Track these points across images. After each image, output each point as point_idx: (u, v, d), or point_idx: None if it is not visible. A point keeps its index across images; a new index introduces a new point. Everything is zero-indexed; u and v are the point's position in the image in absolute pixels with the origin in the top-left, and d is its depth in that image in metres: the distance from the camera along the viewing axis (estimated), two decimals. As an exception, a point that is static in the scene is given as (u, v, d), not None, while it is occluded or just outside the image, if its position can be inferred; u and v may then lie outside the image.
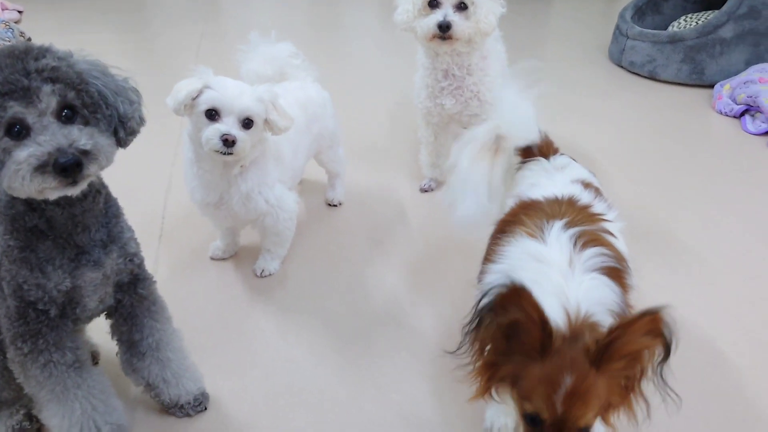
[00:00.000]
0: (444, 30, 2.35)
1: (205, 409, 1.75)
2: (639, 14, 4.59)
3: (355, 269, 2.37)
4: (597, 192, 1.61)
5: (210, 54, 4.66)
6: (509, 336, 1.14)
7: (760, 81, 3.65)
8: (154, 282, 1.62)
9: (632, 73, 4.37)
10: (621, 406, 1.15)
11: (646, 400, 1.16)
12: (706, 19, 4.18)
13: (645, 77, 4.29)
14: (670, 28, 4.45)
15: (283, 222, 2.23)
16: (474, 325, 1.17)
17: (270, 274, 2.32)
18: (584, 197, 1.54)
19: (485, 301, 1.12)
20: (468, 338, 1.19)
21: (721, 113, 3.75)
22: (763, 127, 3.47)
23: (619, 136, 3.49)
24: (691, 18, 4.43)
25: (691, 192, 2.91)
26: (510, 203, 1.65)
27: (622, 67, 4.46)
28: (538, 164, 1.76)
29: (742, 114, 3.65)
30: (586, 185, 1.61)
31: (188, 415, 1.72)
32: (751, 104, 3.59)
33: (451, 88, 2.56)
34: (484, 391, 1.21)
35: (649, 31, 4.24)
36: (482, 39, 2.46)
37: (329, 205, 2.78)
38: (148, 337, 1.60)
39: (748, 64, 3.97)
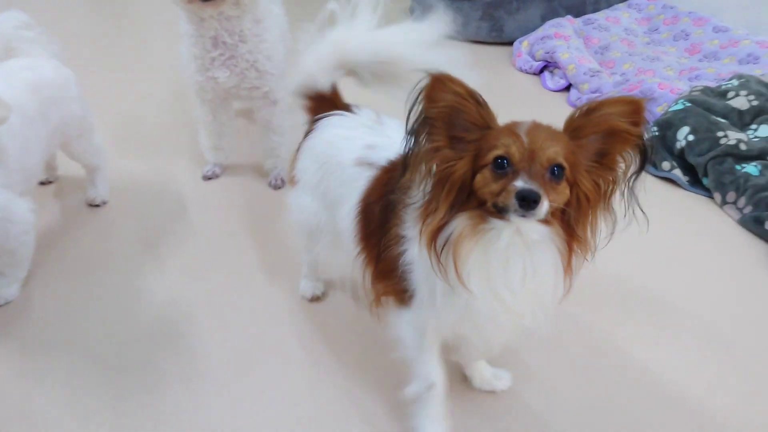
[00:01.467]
0: None
1: None
2: (437, -29, 4.43)
3: (123, 282, 1.98)
4: None
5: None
6: (451, 126, 1.09)
7: (556, 36, 3.62)
8: None
9: (434, 32, 4.21)
10: (589, 203, 1.11)
11: (613, 214, 1.13)
12: (501, -26, 4.10)
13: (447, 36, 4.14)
14: (468, -16, 4.34)
15: (15, 237, 1.78)
16: (413, 139, 1.09)
17: (6, 303, 1.86)
18: None
19: (416, 106, 1.06)
20: (412, 164, 1.10)
21: (521, 70, 3.68)
22: (562, 83, 3.43)
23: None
24: (487, -26, 4.35)
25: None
26: (346, 176, 1.47)
27: (423, 26, 4.28)
28: (351, 119, 1.57)
29: (542, 70, 3.60)
30: None
31: None
32: (549, 60, 3.55)
33: (223, 58, 2.19)
34: (445, 211, 1.10)
35: (447, -12, 4.09)
36: (252, 1, 2.12)
37: (90, 205, 2.33)
38: None
39: (544, 19, 3.94)
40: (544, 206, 1.00)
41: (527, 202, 0.99)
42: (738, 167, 2.49)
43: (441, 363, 1.39)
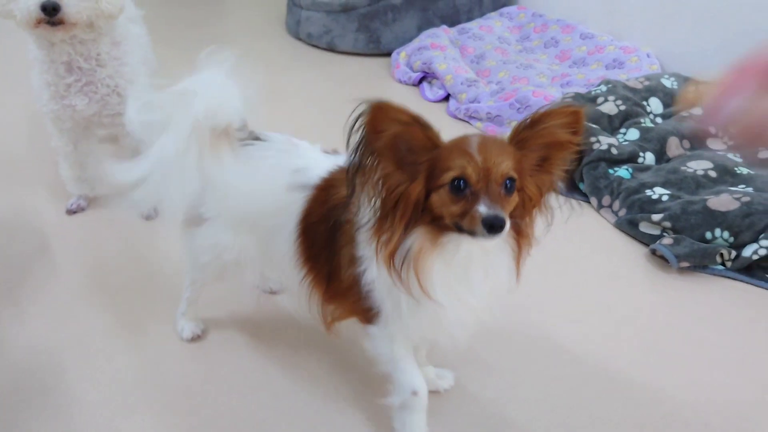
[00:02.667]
0: (51, 13, 1.83)
1: None
2: (311, -17, 4.37)
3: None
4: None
5: None
6: (398, 151, 1.11)
7: (432, 46, 3.63)
8: None
9: (311, 45, 4.14)
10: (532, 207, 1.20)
11: (550, 211, 1.22)
12: (375, -15, 4.09)
13: (324, 49, 4.09)
14: (343, -4, 4.30)
15: None
16: (356, 167, 1.10)
17: None
18: None
19: (356, 134, 1.06)
20: (358, 188, 1.12)
21: (401, 82, 3.68)
22: (441, 93, 3.44)
23: (306, 111, 3.23)
24: (361, -15, 4.34)
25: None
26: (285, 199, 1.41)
27: (300, 39, 4.20)
28: (265, 148, 1.50)
29: (421, 81, 3.60)
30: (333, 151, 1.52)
31: None
32: (427, 70, 3.56)
33: (80, 84, 2.03)
34: (402, 229, 1.13)
35: (322, 0, 4.03)
36: (108, 22, 1.97)
37: (-66, 250, 2.10)
38: None
39: (420, 30, 3.95)
40: (507, 226, 1.06)
41: (494, 228, 1.05)
42: (611, 171, 2.57)
43: (419, 369, 1.41)
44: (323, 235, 1.36)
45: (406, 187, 1.12)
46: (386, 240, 1.14)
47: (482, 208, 1.06)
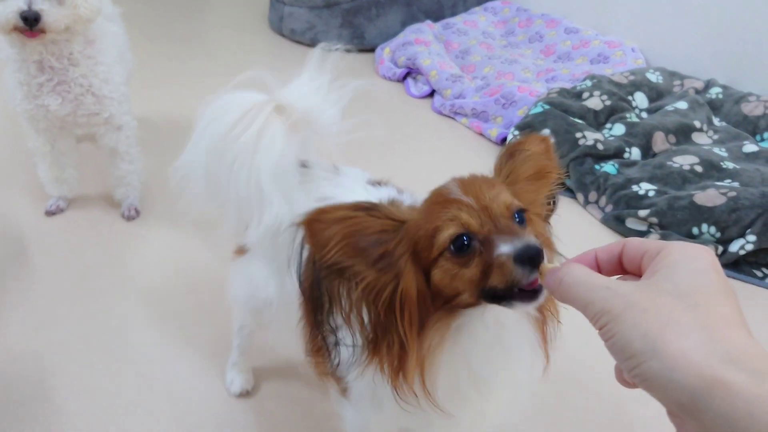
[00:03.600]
0: (32, 24, 1.79)
1: None
2: (294, -22, 4.33)
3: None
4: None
5: None
6: (364, 253, 0.86)
7: (417, 42, 3.60)
8: None
9: (294, 41, 4.09)
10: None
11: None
12: (358, -20, 4.05)
13: (307, 45, 4.04)
14: (326, -9, 4.27)
15: None
16: (320, 292, 0.89)
17: None
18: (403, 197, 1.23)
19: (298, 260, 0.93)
20: (345, 318, 0.89)
21: (385, 78, 3.64)
22: (425, 89, 3.42)
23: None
24: (345, -20, 4.30)
25: (366, 161, 2.71)
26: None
27: (283, 35, 4.16)
28: (304, 173, 1.31)
29: (405, 77, 3.57)
30: (377, 182, 1.31)
31: None
32: (411, 66, 3.53)
33: (52, 84, 1.98)
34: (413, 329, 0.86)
35: (305, -5, 3.99)
36: (86, 26, 1.93)
37: None
38: None
39: (404, 25, 3.92)
40: (545, 254, 0.78)
41: (533, 258, 0.76)
42: (597, 167, 2.55)
43: None
44: (311, 285, 1.12)
45: (396, 285, 0.86)
46: (399, 357, 0.87)
47: (504, 248, 0.78)
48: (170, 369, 1.69)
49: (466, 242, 0.81)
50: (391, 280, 0.86)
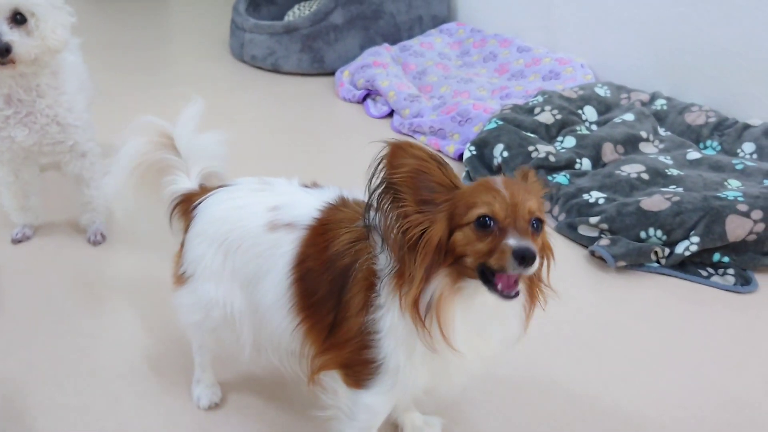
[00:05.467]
0: (3, 54, 1.84)
1: None
2: (253, 6, 4.41)
3: None
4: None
5: None
6: (417, 190, 1.09)
7: (375, 64, 3.70)
8: None
9: (256, 67, 4.17)
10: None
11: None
12: (317, 6, 4.15)
13: (269, 70, 4.13)
14: (285, 18, 4.35)
15: None
16: (377, 210, 1.09)
17: None
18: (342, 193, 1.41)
19: (377, 175, 1.07)
20: (383, 235, 1.11)
21: (345, 100, 3.73)
22: (385, 109, 3.52)
23: (252, 133, 3.26)
24: (303, 6, 4.40)
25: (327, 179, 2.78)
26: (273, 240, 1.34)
27: (245, 62, 4.23)
28: (235, 190, 1.46)
29: (365, 98, 3.67)
30: (312, 185, 1.47)
31: None
32: (370, 88, 3.62)
33: (20, 116, 2.02)
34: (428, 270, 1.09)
35: (265, 22, 4.07)
36: (53, 57, 1.98)
37: None
38: None
39: (363, 48, 4.03)
40: (537, 262, 1.02)
41: (526, 259, 1.00)
42: (550, 178, 2.66)
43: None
44: (328, 284, 1.27)
45: (426, 228, 1.08)
46: (408, 287, 1.10)
47: (511, 241, 1.01)
48: (139, 385, 1.73)
49: (488, 223, 1.04)
50: (423, 221, 1.08)
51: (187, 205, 1.50)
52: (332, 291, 1.27)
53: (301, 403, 1.66)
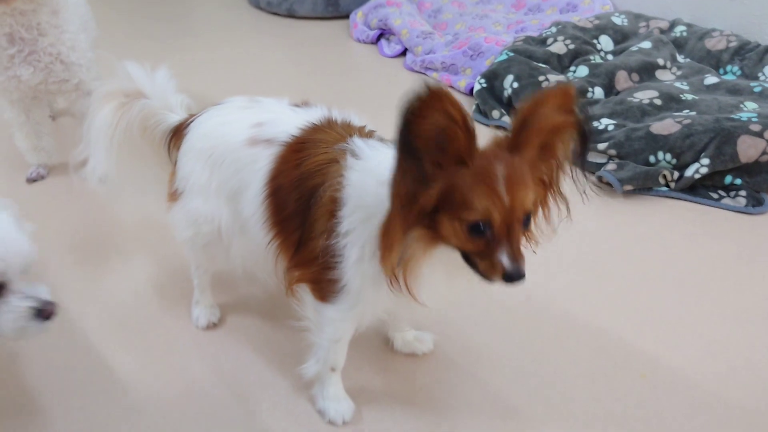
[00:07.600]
0: None
1: None
2: (269, -48, 4.38)
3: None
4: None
5: None
6: (429, 148, 0.99)
7: (388, 3, 3.66)
8: None
9: (271, 13, 4.16)
10: (542, 205, 1.12)
11: (564, 199, 1.13)
12: (331, -52, 4.10)
13: (284, 16, 4.11)
14: (300, -38, 4.32)
15: None
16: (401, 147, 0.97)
17: None
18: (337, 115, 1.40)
19: (405, 110, 0.94)
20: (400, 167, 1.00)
21: (359, 41, 3.71)
22: (398, 48, 3.48)
23: (267, 77, 3.27)
24: (318, -51, 4.35)
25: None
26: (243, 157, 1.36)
27: (261, 8, 4.22)
28: (223, 108, 1.48)
29: (378, 38, 3.64)
30: (303, 104, 1.45)
31: None
32: (384, 27, 3.59)
33: (23, 54, 2.06)
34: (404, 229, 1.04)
35: (279, -33, 4.05)
36: None
37: None
38: None
39: (378, -11, 3.97)
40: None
41: (514, 280, 1.01)
42: (560, 107, 2.61)
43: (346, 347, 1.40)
44: (295, 203, 1.28)
45: (421, 191, 1.01)
46: (388, 247, 1.06)
47: (505, 260, 1.01)
48: (142, 310, 1.78)
49: (482, 229, 1.01)
50: (420, 181, 1.00)
51: (180, 133, 1.52)
52: (298, 210, 1.27)
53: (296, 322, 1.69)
